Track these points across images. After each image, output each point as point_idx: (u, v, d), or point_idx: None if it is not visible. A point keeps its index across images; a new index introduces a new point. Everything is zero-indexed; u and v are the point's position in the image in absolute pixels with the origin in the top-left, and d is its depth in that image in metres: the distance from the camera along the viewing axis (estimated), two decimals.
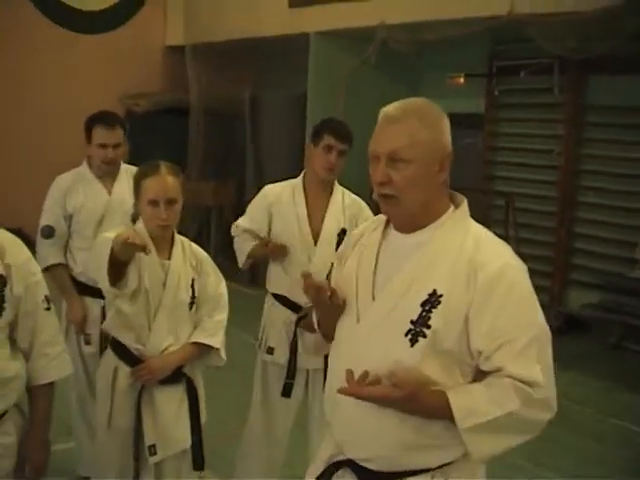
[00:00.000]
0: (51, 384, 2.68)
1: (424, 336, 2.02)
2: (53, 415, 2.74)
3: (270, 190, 4.04)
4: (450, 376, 2.06)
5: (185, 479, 3.31)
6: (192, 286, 3.19)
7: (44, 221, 4.17)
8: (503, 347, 2.01)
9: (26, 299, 2.54)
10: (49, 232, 4.13)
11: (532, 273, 2.13)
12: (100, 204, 4.11)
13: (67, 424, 4.45)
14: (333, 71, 8.47)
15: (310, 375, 3.95)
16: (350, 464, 2.19)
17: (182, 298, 3.16)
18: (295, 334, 3.89)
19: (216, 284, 3.31)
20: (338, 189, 3.99)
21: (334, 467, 2.24)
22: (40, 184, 4.26)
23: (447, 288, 2.03)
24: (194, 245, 3.32)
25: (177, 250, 3.19)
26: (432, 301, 2.03)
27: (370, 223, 2.36)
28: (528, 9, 6.55)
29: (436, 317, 2.02)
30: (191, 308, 3.19)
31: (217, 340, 3.25)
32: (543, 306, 2.12)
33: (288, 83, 9.71)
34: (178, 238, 3.22)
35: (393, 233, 2.19)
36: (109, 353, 3.23)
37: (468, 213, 2.17)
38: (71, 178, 4.17)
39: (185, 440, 3.23)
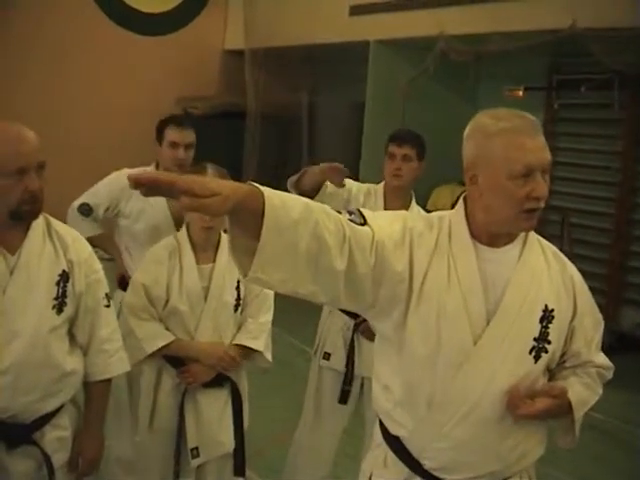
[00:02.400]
0: (108, 381, 2.71)
1: (546, 352, 2.12)
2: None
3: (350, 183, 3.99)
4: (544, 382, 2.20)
5: None
6: (237, 288, 3.21)
7: (85, 199, 4.12)
8: (591, 345, 2.22)
9: (87, 295, 2.58)
10: (87, 211, 4.09)
11: None
12: (160, 212, 3.97)
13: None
14: (392, 80, 8.44)
15: (365, 383, 3.94)
16: None
17: (227, 300, 3.18)
18: (353, 340, 3.89)
19: None
20: (414, 206, 3.96)
21: None
22: (91, 184, 4.24)
23: (555, 303, 2.11)
24: None
25: (223, 252, 3.20)
26: (547, 317, 2.10)
27: (436, 227, 2.13)
28: (590, 23, 6.47)
29: (553, 332, 2.11)
30: (236, 310, 3.21)
31: (260, 343, 3.26)
32: None
33: (346, 90, 9.71)
34: (224, 239, 3.22)
35: (481, 247, 2.10)
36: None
37: None
38: None
39: (228, 444, 3.24)
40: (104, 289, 2.67)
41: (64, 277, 2.50)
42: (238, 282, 3.21)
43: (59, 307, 2.49)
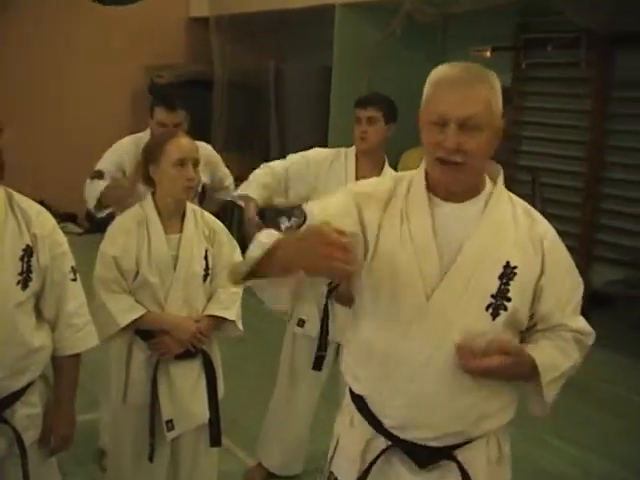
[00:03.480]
0: (77, 355, 2.68)
1: (505, 309, 2.05)
2: (78, 386, 2.74)
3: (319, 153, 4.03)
4: (515, 340, 2.15)
5: (203, 455, 3.32)
6: (205, 258, 3.17)
7: (97, 166, 4.24)
8: (566, 307, 2.14)
9: (52, 269, 2.54)
10: (98, 174, 4.20)
11: None
12: None
13: (91, 395, 4.48)
14: (358, 43, 8.37)
15: (340, 348, 3.93)
16: (403, 445, 2.15)
17: (196, 270, 3.14)
18: (326, 306, 3.88)
19: (230, 253, 3.26)
20: (388, 169, 3.95)
21: (377, 457, 2.18)
22: (63, 157, 4.28)
23: (518, 260, 2.05)
24: (207, 214, 3.29)
25: (189, 222, 3.17)
26: (508, 273, 2.04)
27: (389, 186, 2.17)
28: None
29: (514, 289, 2.05)
30: (205, 280, 3.17)
31: (232, 312, 3.22)
32: None
33: (313, 55, 9.63)
34: (190, 208, 3.20)
35: (439, 202, 2.09)
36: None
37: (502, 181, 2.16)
38: (134, 145, 4.17)
39: (203, 415, 3.22)
40: (70, 262, 2.62)
41: (28, 252, 2.45)
42: (206, 251, 3.17)
43: (24, 282, 2.44)
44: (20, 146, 8.53)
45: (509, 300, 2.04)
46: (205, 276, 3.17)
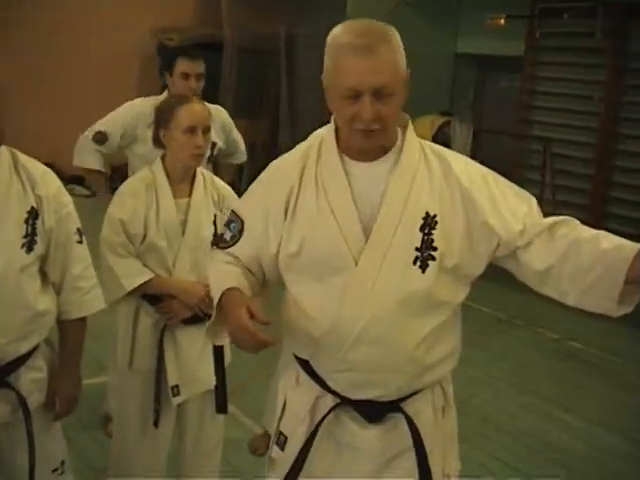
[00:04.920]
0: (83, 319, 2.64)
1: (433, 259, 2.02)
2: (84, 350, 2.72)
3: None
4: (455, 291, 2.12)
5: (209, 421, 3.30)
6: (214, 223, 3.12)
7: (101, 127, 4.23)
8: (527, 217, 2.06)
9: (58, 231, 2.49)
10: (101, 138, 4.19)
11: None
12: None
13: (98, 360, 4.47)
14: (371, 9, 8.25)
15: None
16: (351, 402, 2.15)
17: (204, 235, 3.10)
18: None
19: None
20: None
21: (326, 415, 2.17)
22: (71, 119, 4.27)
23: (437, 207, 2.03)
24: (216, 179, 3.25)
25: (198, 186, 3.13)
26: (429, 223, 2.02)
27: (302, 152, 2.16)
28: None
29: (438, 237, 2.02)
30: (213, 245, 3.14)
31: None
32: None
33: (325, 20, 9.50)
34: (200, 172, 3.17)
35: (352, 162, 2.07)
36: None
37: (413, 129, 2.12)
38: (149, 106, 4.10)
39: (209, 380, 3.17)
40: (75, 224, 2.57)
41: (33, 214, 2.40)
42: (215, 217, 3.14)
43: (29, 245, 2.40)
44: (29, 109, 8.53)
45: (435, 249, 2.02)
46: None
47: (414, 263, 2.02)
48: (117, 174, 4.29)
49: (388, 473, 2.19)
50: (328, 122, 3.32)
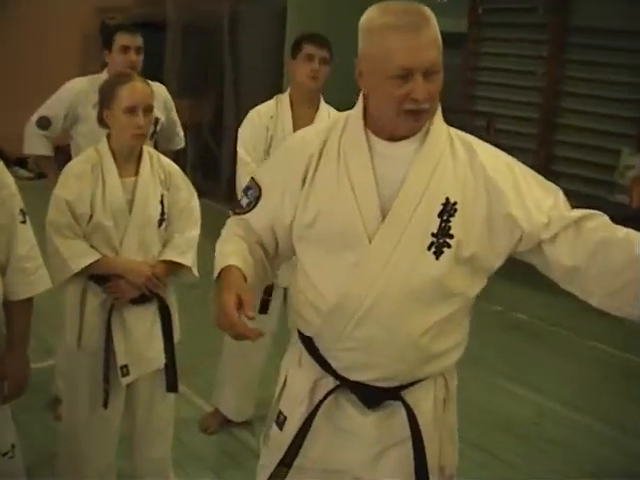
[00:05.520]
0: (29, 300, 2.61)
1: (449, 246, 1.99)
2: (31, 334, 2.70)
3: (258, 112, 3.97)
4: (470, 283, 2.08)
5: (159, 401, 3.30)
6: (161, 202, 3.12)
7: (43, 112, 4.22)
8: (553, 209, 2.02)
9: (1, 212, 2.46)
10: (45, 123, 4.19)
11: None
12: None
13: (45, 342, 4.44)
14: None
15: (288, 293, 3.94)
16: (351, 386, 2.14)
17: (151, 214, 3.09)
18: None
19: (187, 199, 3.22)
20: (324, 105, 3.96)
21: (325, 397, 2.17)
22: (13, 100, 4.23)
23: (459, 195, 2.00)
24: (163, 158, 3.24)
25: (145, 165, 3.11)
26: (449, 210, 1.99)
27: (327, 125, 2.17)
28: None
29: (456, 226, 1.99)
30: (160, 225, 3.12)
31: (188, 258, 3.18)
32: None
33: None
34: (146, 151, 3.15)
35: (377, 140, 2.04)
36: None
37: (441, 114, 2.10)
38: (87, 82, 4.16)
39: (158, 360, 3.19)
40: (18, 204, 2.53)
41: None
42: (162, 196, 3.12)
43: None
44: None
45: (452, 237, 1.99)
46: (161, 221, 3.12)
47: (429, 249, 1.99)
48: (60, 154, 4.25)
49: (384, 461, 2.18)
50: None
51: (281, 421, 2.25)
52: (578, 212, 2.02)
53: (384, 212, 2.00)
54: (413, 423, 2.13)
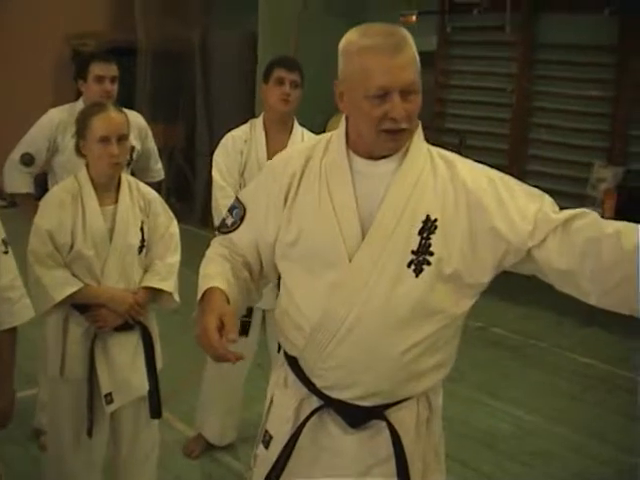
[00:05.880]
0: (14, 329, 2.62)
1: (429, 264, 2.00)
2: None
3: (232, 136, 4.00)
4: (454, 301, 2.08)
5: (143, 427, 3.31)
6: (141, 229, 3.14)
7: (25, 148, 4.19)
8: (538, 214, 2.01)
9: None
10: (29, 160, 4.17)
11: None
12: None
13: (26, 372, 4.42)
14: (284, 10, 8.33)
15: (267, 315, 3.97)
16: (334, 405, 2.15)
17: (131, 242, 3.11)
18: None
19: (167, 224, 3.25)
20: (298, 128, 4.00)
21: (310, 416, 2.18)
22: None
23: (439, 211, 2.02)
24: (142, 185, 3.27)
25: (124, 193, 3.14)
26: (429, 227, 2.01)
27: (309, 145, 2.19)
28: None
29: (437, 242, 2.01)
30: (141, 251, 3.15)
31: (169, 284, 3.21)
32: None
33: (238, 23, 9.52)
34: (125, 179, 3.18)
35: (358, 159, 2.07)
36: None
37: (422, 133, 2.13)
38: (67, 113, 4.15)
39: (142, 387, 3.20)
40: (0, 234, 2.57)
41: None
42: (142, 222, 3.15)
43: None
44: None
45: (432, 254, 2.00)
46: (141, 247, 3.15)
47: (408, 266, 2.00)
48: (35, 183, 4.26)
49: None
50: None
51: (267, 440, 2.27)
52: (566, 213, 2.02)
53: (365, 231, 2.02)
54: (397, 442, 2.14)
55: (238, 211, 2.26)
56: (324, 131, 2.21)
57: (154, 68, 10.00)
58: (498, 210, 2.01)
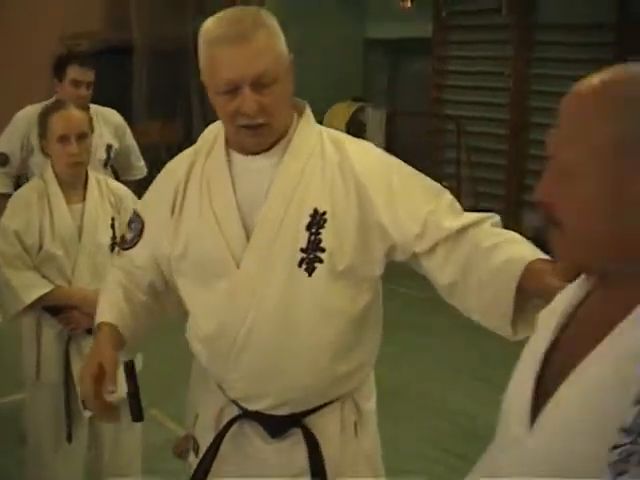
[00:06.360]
0: None
1: (320, 261, 1.85)
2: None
3: None
4: (352, 297, 1.93)
5: (125, 430, 3.21)
6: (112, 226, 3.07)
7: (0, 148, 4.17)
8: (431, 216, 1.87)
9: None
10: (3, 160, 4.15)
11: (486, 196, 2.01)
12: None
13: (14, 376, 4.37)
14: (281, 4, 8.25)
15: None
16: (251, 415, 2.01)
17: (101, 241, 3.04)
18: None
19: None
20: None
21: (229, 425, 2.05)
22: None
23: (328, 203, 1.87)
24: (112, 182, 3.22)
25: (92, 190, 3.07)
26: (317, 221, 1.85)
27: (195, 148, 2.03)
28: None
29: (327, 237, 1.85)
30: (113, 249, 3.07)
31: None
32: None
33: None
34: (93, 177, 3.12)
35: (237, 156, 1.92)
36: None
37: (312, 117, 1.99)
38: (40, 110, 4.07)
39: (120, 389, 3.12)
40: None
41: None
42: (113, 219, 3.08)
43: None
44: None
45: (323, 250, 1.85)
46: (113, 245, 3.07)
47: (299, 265, 1.86)
48: (19, 185, 4.21)
49: None
50: None
51: (196, 448, 2.16)
52: (463, 219, 1.87)
53: (249, 233, 1.88)
54: (313, 452, 1.99)
55: (136, 224, 2.10)
56: (321, 122, 2.06)
57: (150, 66, 9.98)
58: (386, 204, 1.87)
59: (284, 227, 1.86)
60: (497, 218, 1.90)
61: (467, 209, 1.95)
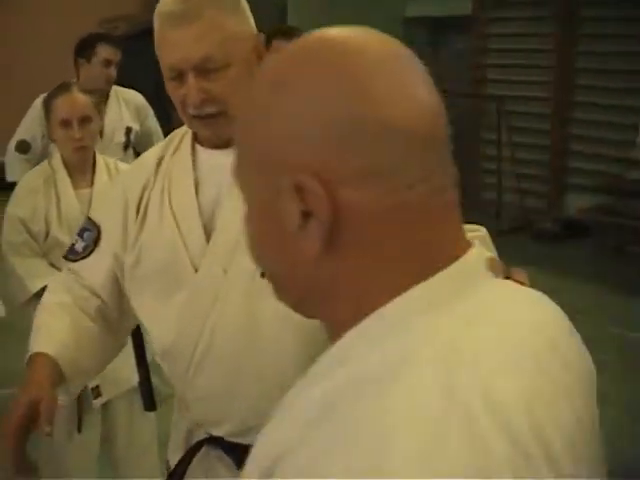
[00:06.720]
0: None
1: None
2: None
3: None
4: None
5: (139, 417, 3.13)
6: None
7: (20, 135, 4.14)
8: None
9: None
10: (24, 147, 4.11)
11: (527, 178, 1.88)
12: None
13: (8, 370, 4.33)
14: None
15: None
16: (216, 441, 1.77)
17: None
18: None
19: None
20: None
21: (195, 449, 1.80)
22: (9, 115, 4.21)
23: None
24: (121, 164, 3.11)
25: (100, 175, 2.99)
26: None
27: (166, 141, 1.83)
28: None
29: None
30: None
31: None
32: (541, 212, 1.76)
33: None
34: (102, 161, 3.03)
35: (202, 152, 1.73)
36: None
37: None
38: None
39: (131, 378, 3.03)
40: None
41: None
42: None
43: None
44: None
45: None
46: None
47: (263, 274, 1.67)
48: None
49: None
50: None
51: (167, 468, 1.94)
52: None
53: (210, 234, 1.69)
54: None
55: (91, 233, 1.84)
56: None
57: None
58: None
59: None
60: (482, 232, 1.67)
61: (508, 190, 1.76)
